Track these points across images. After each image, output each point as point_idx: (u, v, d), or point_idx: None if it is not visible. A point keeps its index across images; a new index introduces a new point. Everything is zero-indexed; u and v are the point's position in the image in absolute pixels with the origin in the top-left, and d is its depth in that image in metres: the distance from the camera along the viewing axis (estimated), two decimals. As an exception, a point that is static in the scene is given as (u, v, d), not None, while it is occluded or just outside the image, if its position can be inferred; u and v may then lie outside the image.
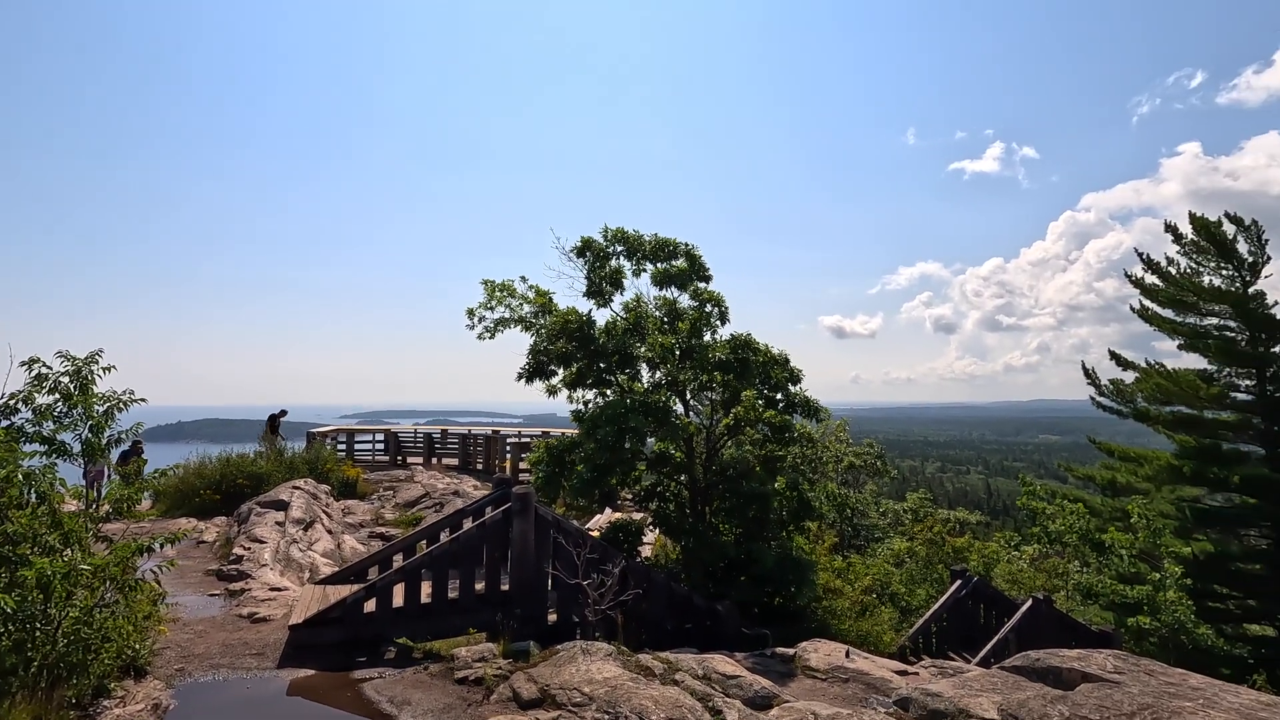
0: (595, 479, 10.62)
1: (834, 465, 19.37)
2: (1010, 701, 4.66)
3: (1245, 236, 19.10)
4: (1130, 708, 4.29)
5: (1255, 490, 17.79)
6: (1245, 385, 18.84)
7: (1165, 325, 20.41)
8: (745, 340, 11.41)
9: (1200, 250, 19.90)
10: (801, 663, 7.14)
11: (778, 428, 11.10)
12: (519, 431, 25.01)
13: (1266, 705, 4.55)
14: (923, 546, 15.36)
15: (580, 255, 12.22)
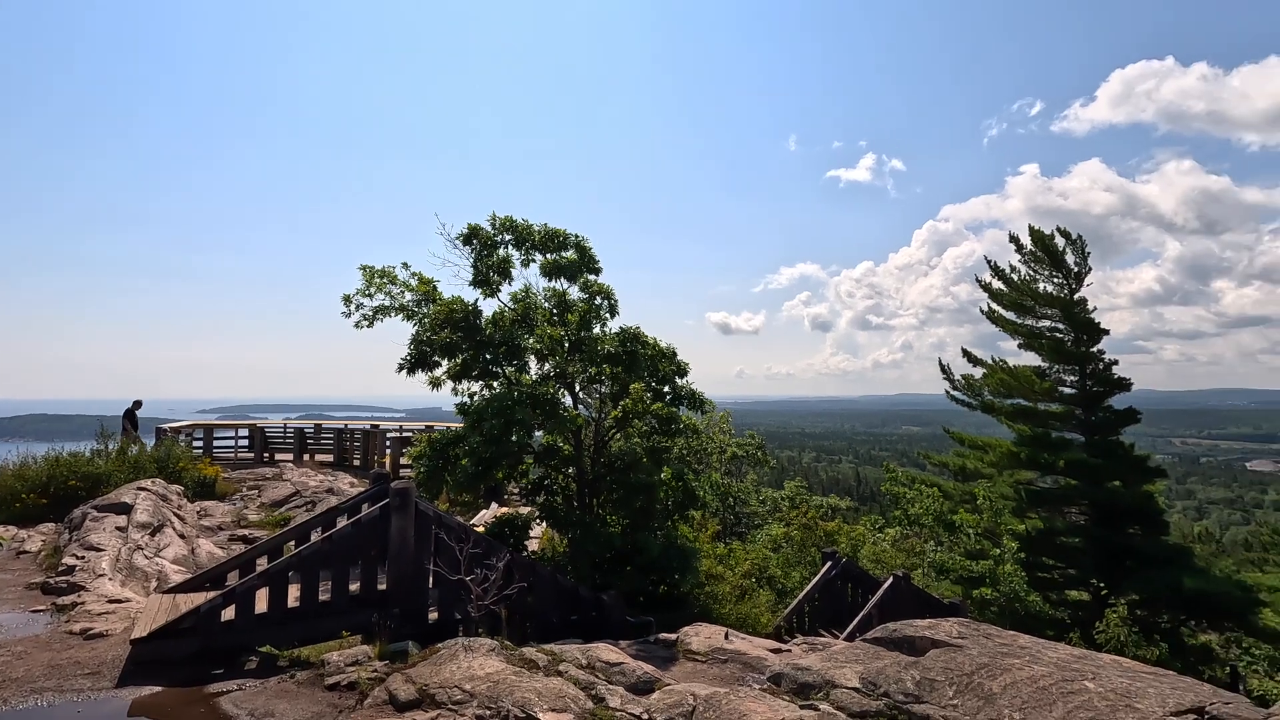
0: (480, 473, 10.39)
1: (718, 456, 20.05)
2: (870, 670, 5.04)
3: (1072, 249, 21.59)
4: (970, 667, 4.76)
5: (1077, 473, 20.20)
6: (1071, 380, 21.33)
7: (1008, 326, 22.70)
8: (634, 334, 11.54)
9: (1037, 260, 22.28)
10: (684, 647, 7.35)
11: (665, 420, 11.33)
12: (400, 426, 23.98)
13: (1078, 658, 5.19)
14: (798, 532, 16.26)
15: (467, 243, 11.87)
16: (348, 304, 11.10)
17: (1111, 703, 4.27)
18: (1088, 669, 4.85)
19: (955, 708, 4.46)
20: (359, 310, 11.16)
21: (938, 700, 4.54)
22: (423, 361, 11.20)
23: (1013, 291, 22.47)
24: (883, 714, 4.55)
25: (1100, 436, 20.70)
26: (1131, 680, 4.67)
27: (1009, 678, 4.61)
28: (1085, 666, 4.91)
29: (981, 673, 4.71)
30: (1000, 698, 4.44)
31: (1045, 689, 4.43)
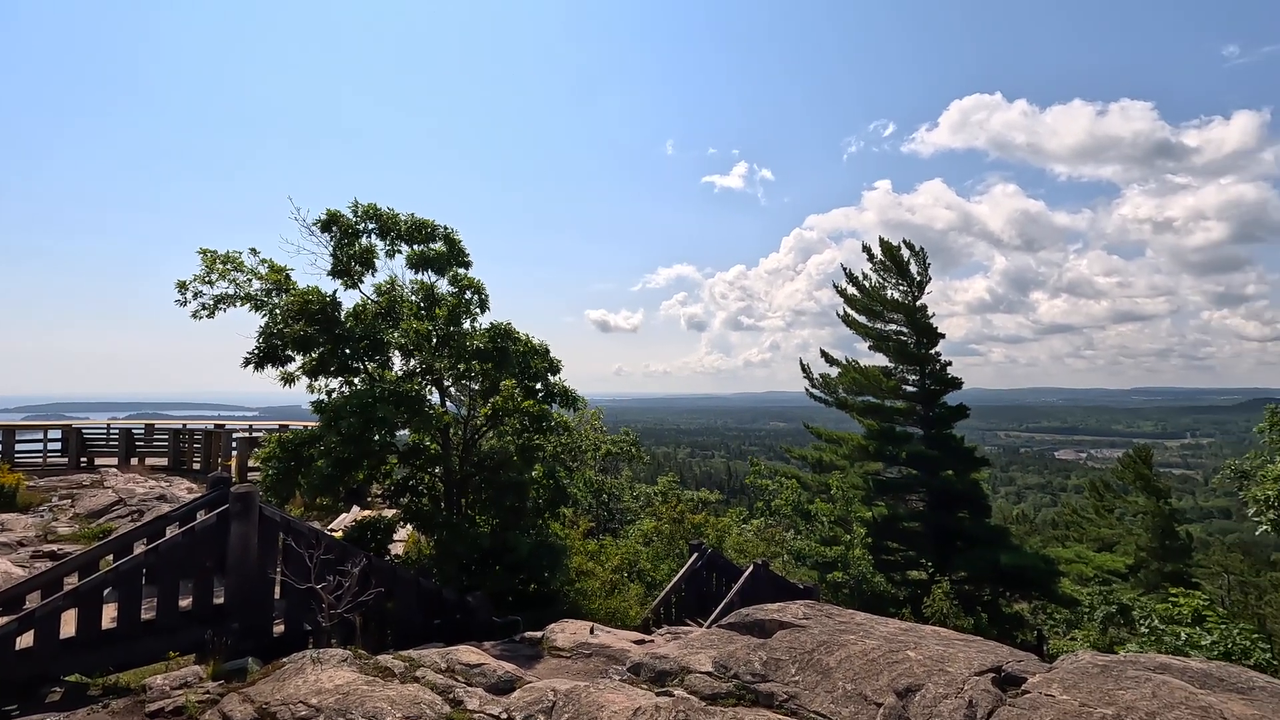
0: (338, 475, 9.80)
1: (593, 453, 20.16)
2: (723, 654, 5.29)
3: (916, 260, 23.75)
4: (811, 645, 5.13)
5: (916, 463, 22.27)
6: (913, 379, 23.47)
7: (861, 329, 24.60)
8: (505, 329, 11.35)
9: (886, 269, 24.31)
10: (549, 644, 7.35)
11: (536, 417, 11.23)
12: (250, 426, 22.09)
13: (905, 630, 5.74)
14: (668, 525, 16.72)
15: (325, 230, 11.14)
16: (183, 291, 10.06)
17: (928, 668, 4.76)
18: (911, 640, 5.38)
19: (797, 683, 4.79)
20: (197, 299, 10.15)
21: (781, 678, 4.86)
22: (273, 356, 10.37)
23: (865, 297, 24.36)
24: (732, 694, 4.80)
25: (936, 430, 22.94)
26: (946, 647, 5.24)
27: (844, 652, 5.02)
28: (909, 638, 5.44)
29: (821, 649, 5.09)
30: (836, 671, 4.82)
31: (874, 660, 4.87)
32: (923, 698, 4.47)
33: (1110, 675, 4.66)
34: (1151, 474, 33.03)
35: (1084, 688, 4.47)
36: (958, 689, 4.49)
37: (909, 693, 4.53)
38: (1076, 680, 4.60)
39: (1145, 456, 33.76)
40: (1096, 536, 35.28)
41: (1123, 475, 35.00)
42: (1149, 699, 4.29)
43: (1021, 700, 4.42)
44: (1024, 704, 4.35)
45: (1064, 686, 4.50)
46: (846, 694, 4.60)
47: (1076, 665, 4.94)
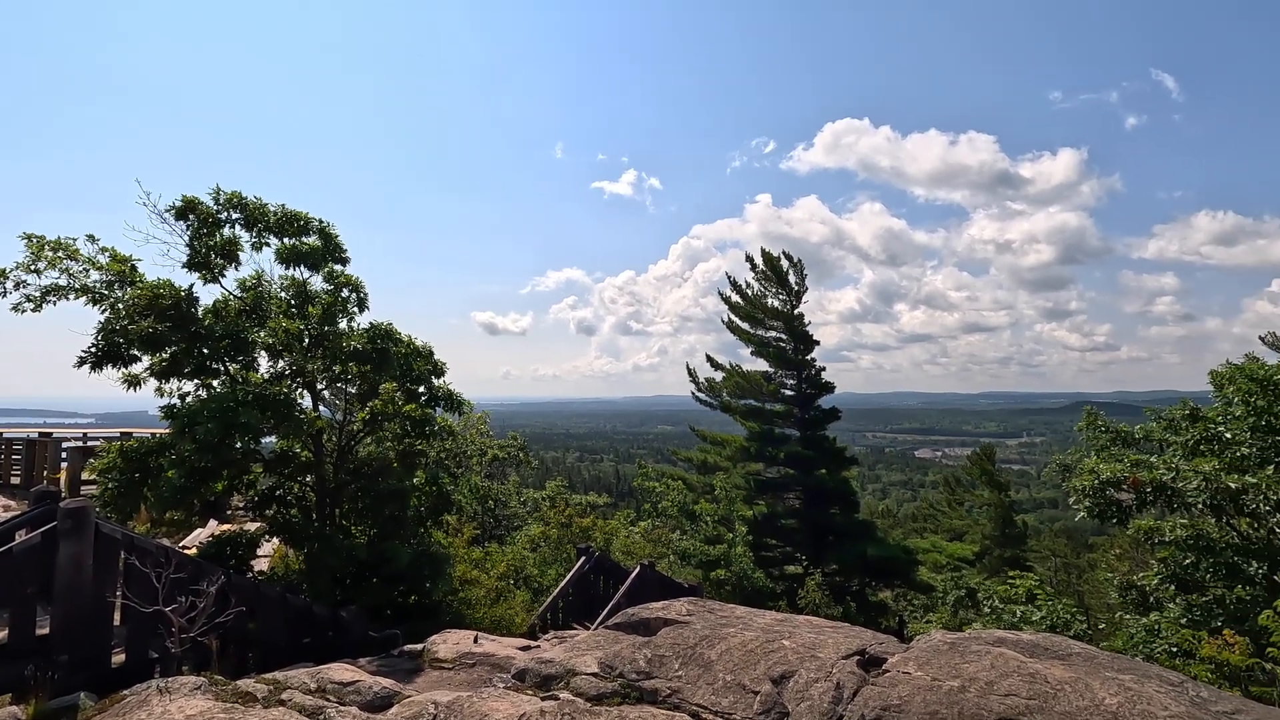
0: (192, 486, 8.96)
1: (478, 458, 19.69)
2: (609, 654, 5.34)
3: (794, 271, 25.08)
4: (694, 640, 5.28)
5: (794, 463, 23.48)
6: (791, 384, 24.73)
7: (743, 335, 25.63)
8: (386, 330, 10.86)
9: (766, 278, 25.49)
10: (430, 656, 7.09)
11: (418, 421, 10.83)
12: (84, 434, 19.70)
13: (780, 621, 6.04)
14: (555, 530, 16.61)
15: (181, 218, 10.18)
16: (2, 280, 8.85)
17: (801, 655, 5.04)
18: (786, 630, 5.67)
19: (680, 678, 4.92)
20: (20, 289, 8.95)
21: (665, 674, 4.97)
22: (114, 355, 9.31)
23: (747, 305, 25.42)
24: (617, 693, 4.85)
25: (812, 432, 24.30)
26: (818, 635, 5.57)
27: (725, 645, 5.21)
28: (785, 628, 5.74)
29: (703, 644, 5.26)
30: (717, 664, 5.00)
31: (752, 651, 5.09)
32: (796, 683, 4.73)
33: (957, 651, 5.13)
34: (994, 470, 36.71)
35: (935, 664, 4.90)
36: (827, 673, 4.79)
37: (784, 679, 4.78)
38: (929, 658, 5.03)
39: (989, 454, 37.49)
40: (949, 527, 38.72)
41: (971, 471, 38.65)
42: (988, 669, 4.77)
43: (883, 679, 4.78)
44: (884, 682, 4.71)
45: (919, 664, 4.92)
46: (726, 685, 4.78)
47: (929, 644, 5.40)
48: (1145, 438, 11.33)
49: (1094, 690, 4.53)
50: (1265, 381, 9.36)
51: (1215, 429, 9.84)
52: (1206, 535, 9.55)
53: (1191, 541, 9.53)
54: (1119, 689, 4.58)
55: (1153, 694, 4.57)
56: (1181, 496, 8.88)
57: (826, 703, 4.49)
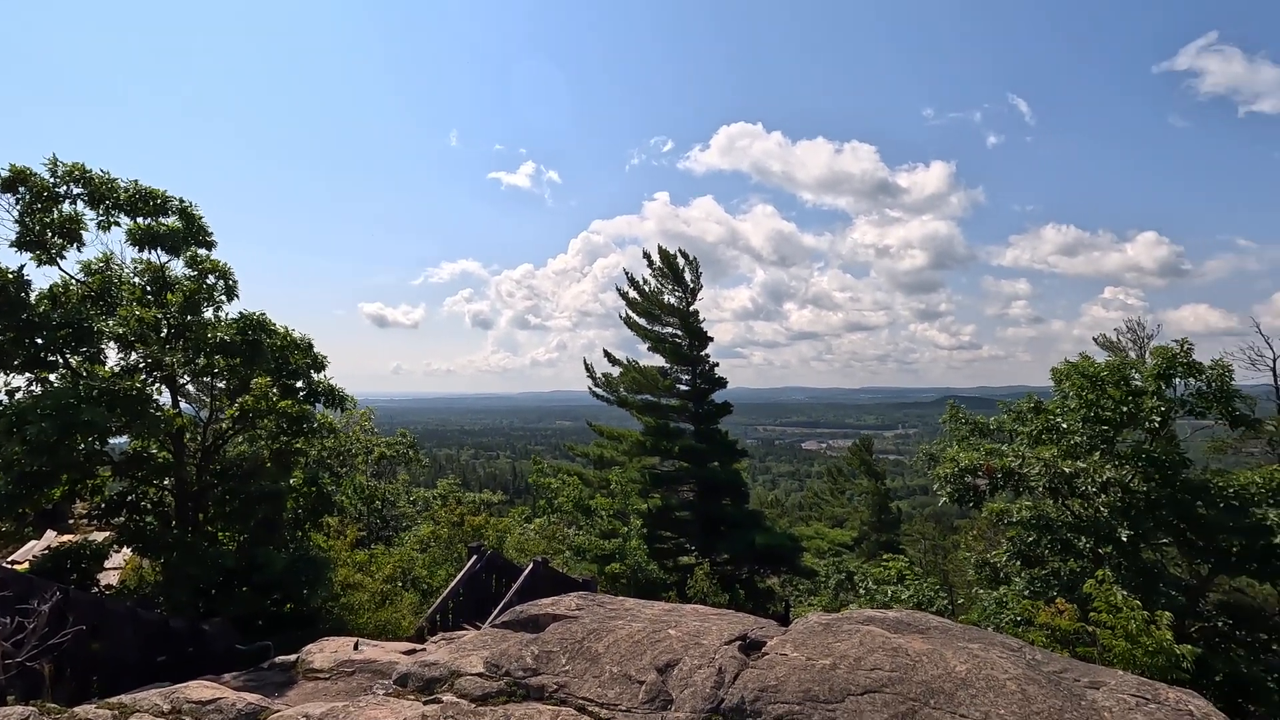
0: (22, 494, 7.99)
1: (364, 457, 18.76)
2: (496, 653, 5.25)
3: (690, 269, 25.61)
4: (582, 634, 5.30)
5: (688, 456, 24.02)
6: (686, 379, 25.27)
7: (641, 331, 25.90)
8: (258, 320, 10.12)
9: (664, 275, 25.89)
10: (304, 666, 6.70)
11: (295, 418, 10.19)
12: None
13: (668, 611, 6.18)
14: (446, 529, 16.13)
15: (9, 190, 9.01)
16: None
17: (686, 643, 5.17)
18: (673, 619, 5.80)
19: (567, 672, 4.92)
20: None
21: (553, 669, 4.96)
22: (-78, 345, 8.13)
23: (644, 301, 25.72)
24: (503, 692, 4.79)
25: (705, 426, 24.95)
26: (703, 622, 5.73)
27: (612, 637, 5.26)
28: (672, 618, 5.87)
29: (591, 637, 5.28)
30: (604, 656, 5.04)
31: (639, 642, 5.18)
32: (680, 670, 4.85)
33: (830, 631, 5.45)
34: (872, 460, 39.24)
35: (810, 644, 5.17)
36: (710, 659, 4.95)
37: (669, 667, 4.89)
38: (805, 639, 5.31)
39: (867, 446, 40.03)
40: (832, 515, 41.04)
41: (851, 462, 41.11)
42: (857, 646, 5.09)
43: (762, 661, 5.00)
44: (763, 664, 4.92)
45: (795, 645, 5.18)
46: (613, 676, 4.83)
47: (806, 626, 5.70)
48: (998, 428, 12.50)
49: (947, 659, 4.94)
50: (1094, 377, 10.56)
51: (1054, 420, 11.01)
52: (1046, 515, 10.66)
53: (1034, 521, 10.61)
54: (968, 657, 5.02)
55: (996, 659, 5.05)
56: (1026, 481, 9.87)
57: (709, 687, 4.64)
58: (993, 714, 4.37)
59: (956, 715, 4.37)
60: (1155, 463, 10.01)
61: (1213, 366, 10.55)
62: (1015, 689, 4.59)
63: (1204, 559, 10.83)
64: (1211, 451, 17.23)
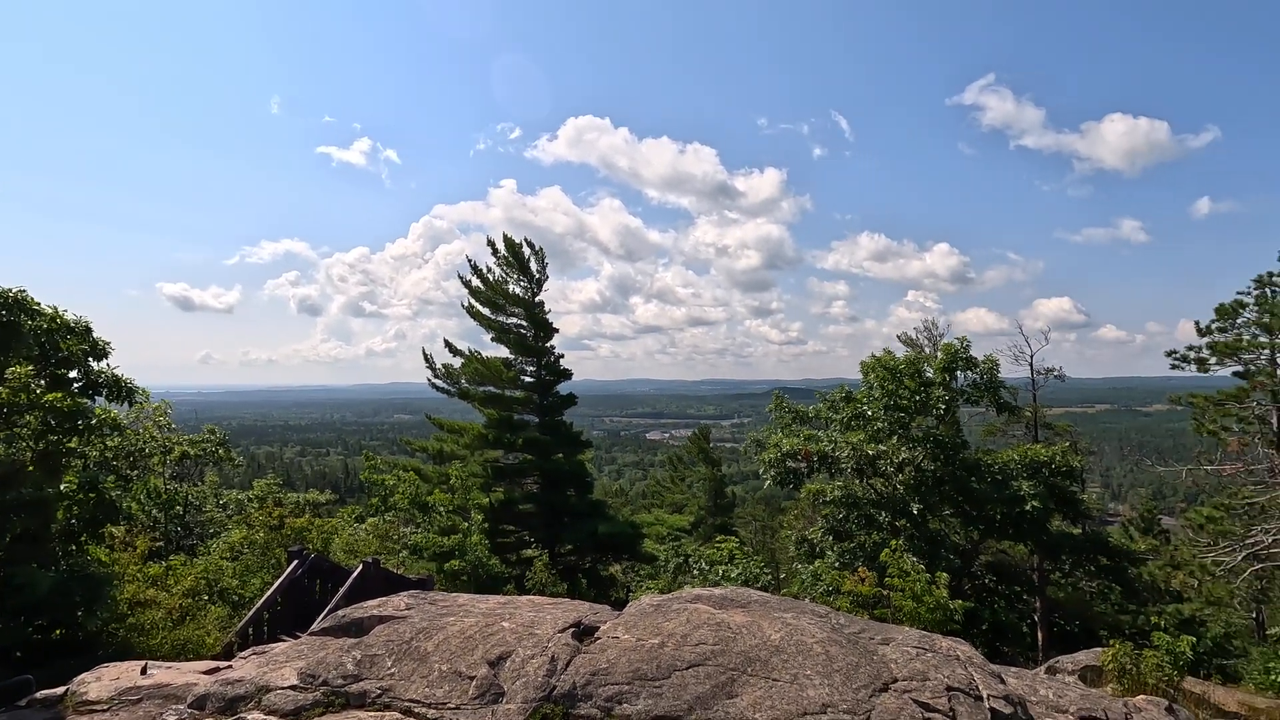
0: None
1: (161, 457, 16.55)
2: (312, 662, 4.89)
3: (536, 258, 25.33)
4: (410, 634, 5.09)
5: (532, 449, 23.82)
6: (531, 370, 25.00)
7: (484, 321, 25.22)
8: (16, 298, 8.57)
9: (509, 265, 25.38)
10: (76, 700, 5.82)
11: (68, 414, 8.78)
12: None
13: (504, 604, 6.11)
14: (263, 533, 14.71)
15: None
16: None
17: (519, 634, 5.15)
18: (508, 612, 5.75)
19: (393, 675, 4.70)
20: None
21: (376, 674, 4.72)
22: None
23: (488, 290, 25.07)
24: (319, 703, 4.48)
25: (550, 418, 24.87)
26: (538, 613, 5.74)
27: (443, 635, 5.11)
28: (506, 610, 5.81)
29: (420, 636, 5.09)
30: (433, 655, 4.88)
31: (471, 637, 5.07)
32: (513, 662, 4.82)
33: (660, 611, 5.68)
34: (709, 448, 41.34)
35: (640, 625, 5.36)
36: (543, 648, 4.97)
37: (501, 660, 4.84)
38: (636, 620, 5.50)
39: (705, 434, 42.11)
40: (672, 501, 42.71)
41: (690, 451, 43.04)
42: (684, 624, 5.36)
43: (594, 646, 5.10)
44: (595, 649, 5.03)
45: (626, 627, 5.34)
46: (442, 674, 4.69)
47: (638, 608, 5.90)
48: (816, 416, 13.70)
49: (764, 629, 5.35)
50: (894, 370, 11.92)
51: (861, 408, 12.29)
52: (854, 494, 11.88)
53: (844, 499, 11.78)
54: (782, 625, 5.47)
55: (806, 626, 5.54)
56: (838, 463, 10.92)
57: (541, 676, 4.65)
58: (800, 675, 4.79)
59: (770, 679, 4.74)
60: (941, 445, 11.52)
61: (984, 361, 12.32)
62: (820, 651, 5.07)
63: (976, 526, 12.64)
64: (985, 434, 20.14)
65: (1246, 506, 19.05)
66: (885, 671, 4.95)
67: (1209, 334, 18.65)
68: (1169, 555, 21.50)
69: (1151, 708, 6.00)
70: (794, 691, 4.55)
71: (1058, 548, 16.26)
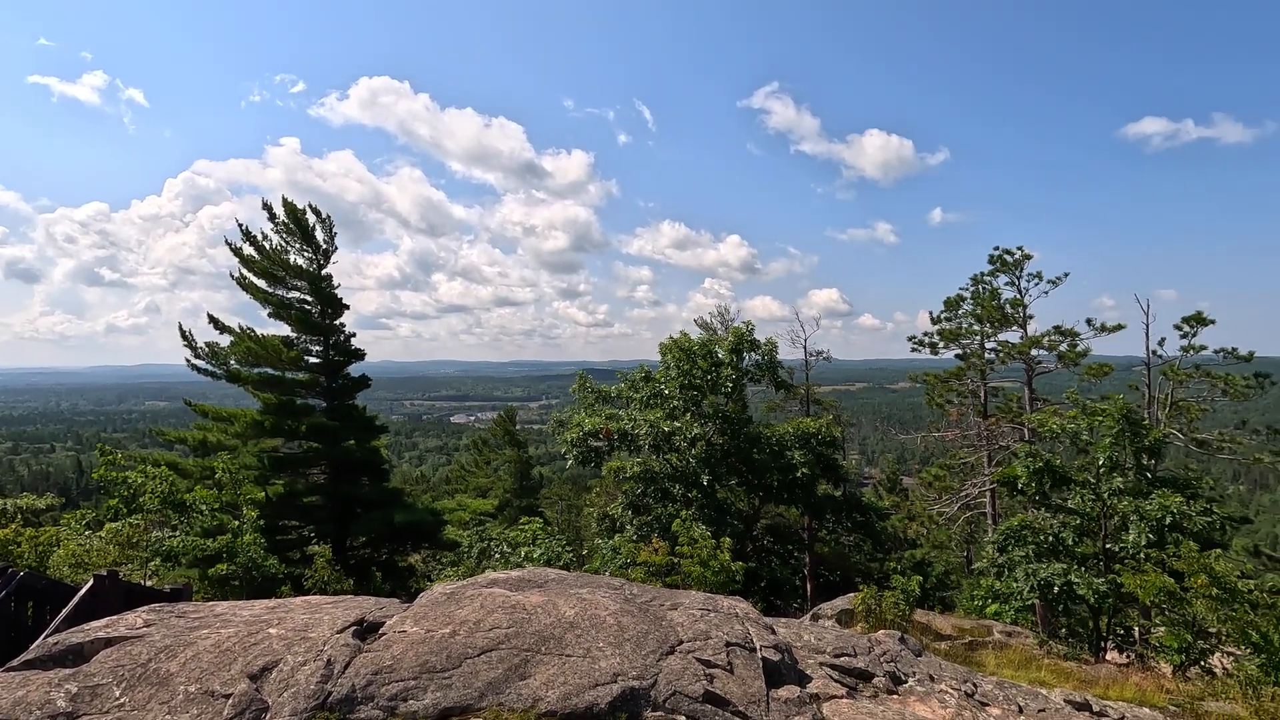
0: None
1: None
2: (7, 706, 3.99)
3: (322, 227, 23.00)
4: (148, 655, 4.36)
5: (317, 436, 21.76)
6: (316, 350, 22.76)
7: (259, 295, 22.42)
8: None
9: (290, 232, 22.76)
10: None
11: None
12: None
13: (273, 608, 5.48)
14: (-53, 552, 11.79)
15: None
16: None
17: (289, 640, 4.64)
18: (277, 616, 5.17)
19: (122, 706, 3.99)
20: None
21: (100, 706, 3.97)
22: None
23: (265, 260, 22.32)
24: (16, 753, 3.67)
25: (339, 401, 22.89)
26: (312, 614, 5.23)
27: (192, 651, 4.44)
28: (275, 615, 5.22)
29: (162, 656, 4.38)
30: (178, 676, 4.23)
31: (228, 650, 4.47)
32: (280, 672, 4.34)
33: (454, 599, 5.47)
34: (515, 430, 40.92)
35: (431, 616, 5.11)
36: (318, 652, 4.53)
37: (265, 671, 4.33)
38: (427, 611, 5.23)
39: (511, 416, 41.60)
40: (477, 485, 41.70)
41: (495, 433, 42.28)
42: (478, 610, 5.20)
43: (379, 643, 4.76)
44: (379, 646, 4.70)
45: (415, 620, 5.06)
46: (189, 696, 4.08)
47: (429, 598, 5.63)
48: (618, 396, 14.11)
49: (559, 607, 5.37)
50: (688, 351, 12.63)
51: (659, 387, 12.87)
52: (651, 469, 12.43)
53: (642, 475, 12.28)
54: (577, 601, 5.54)
55: (600, 599, 5.66)
56: (637, 440, 11.33)
57: (314, 684, 4.24)
58: (594, 648, 4.89)
59: (564, 655, 4.77)
60: (729, 420, 12.45)
61: (766, 344, 13.50)
62: (613, 622, 5.21)
63: (757, 493, 13.88)
64: (766, 410, 22.20)
65: (962, 465, 23.15)
66: (673, 635, 5.22)
67: (939, 323, 22.25)
68: (907, 509, 25.48)
69: (888, 640, 7.02)
70: (586, 665, 4.62)
71: (823, 509, 18.51)
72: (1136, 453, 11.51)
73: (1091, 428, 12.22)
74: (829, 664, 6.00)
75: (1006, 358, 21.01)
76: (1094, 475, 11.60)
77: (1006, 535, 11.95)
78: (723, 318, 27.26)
